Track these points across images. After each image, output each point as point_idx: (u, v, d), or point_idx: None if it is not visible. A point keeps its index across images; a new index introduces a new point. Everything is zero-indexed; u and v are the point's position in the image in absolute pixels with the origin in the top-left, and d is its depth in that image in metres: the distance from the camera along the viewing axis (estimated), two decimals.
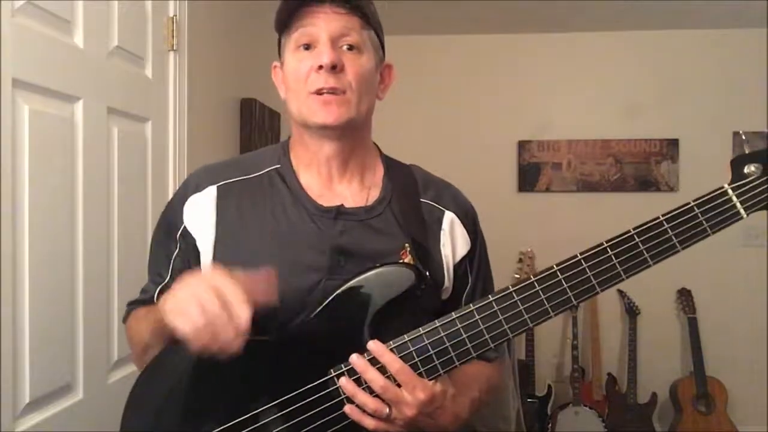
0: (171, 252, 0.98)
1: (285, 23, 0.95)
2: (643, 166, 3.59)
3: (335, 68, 0.90)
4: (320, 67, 0.90)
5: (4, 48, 1.16)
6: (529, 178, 3.65)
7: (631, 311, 3.44)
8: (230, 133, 2.42)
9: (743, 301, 3.45)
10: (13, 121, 1.19)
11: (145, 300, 1.01)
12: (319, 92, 0.91)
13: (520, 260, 3.43)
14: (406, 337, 0.83)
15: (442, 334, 0.82)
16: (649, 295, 3.46)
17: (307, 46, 0.93)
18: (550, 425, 3.26)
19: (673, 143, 3.57)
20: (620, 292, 3.52)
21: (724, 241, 3.37)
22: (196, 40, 1.95)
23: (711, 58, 3.53)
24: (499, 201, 3.57)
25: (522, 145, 3.65)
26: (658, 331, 3.53)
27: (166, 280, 0.98)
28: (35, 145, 1.24)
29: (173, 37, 1.82)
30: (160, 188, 1.78)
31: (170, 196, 1.79)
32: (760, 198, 0.82)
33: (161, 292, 0.98)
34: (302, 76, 0.92)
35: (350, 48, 0.92)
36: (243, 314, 0.74)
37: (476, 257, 1.03)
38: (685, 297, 3.45)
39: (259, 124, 2.58)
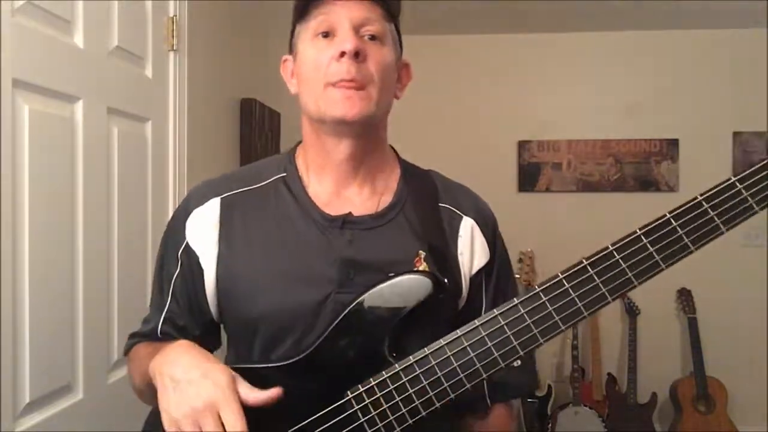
0: (171, 273, 0.93)
1: (303, 10, 0.88)
2: (643, 166, 3.60)
3: (358, 56, 0.83)
4: (342, 54, 0.83)
5: (4, 48, 1.16)
6: (529, 178, 3.66)
7: (631, 311, 3.44)
8: (230, 133, 2.42)
9: (743, 301, 3.45)
10: (13, 121, 1.19)
11: (147, 333, 0.96)
12: (339, 84, 0.84)
13: (520, 260, 3.43)
14: (427, 350, 0.77)
15: (465, 344, 0.76)
16: (649, 295, 3.46)
17: (326, 34, 0.86)
18: (550, 425, 3.26)
19: (673, 143, 3.57)
20: None
21: (724, 241, 3.39)
22: (196, 40, 1.95)
23: (711, 58, 3.53)
24: (499, 201, 3.50)
25: (522, 145, 3.65)
26: (658, 331, 3.53)
27: (167, 304, 0.94)
28: (35, 145, 1.24)
29: (173, 37, 1.81)
30: (160, 188, 1.78)
31: (171, 196, 1.81)
32: None
33: (166, 321, 0.94)
34: (322, 65, 0.85)
35: (372, 38, 0.86)
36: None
37: (494, 270, 0.96)
38: (685, 297, 3.45)
39: (259, 124, 2.58)
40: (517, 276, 3.39)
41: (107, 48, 1.51)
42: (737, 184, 0.73)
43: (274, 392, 0.75)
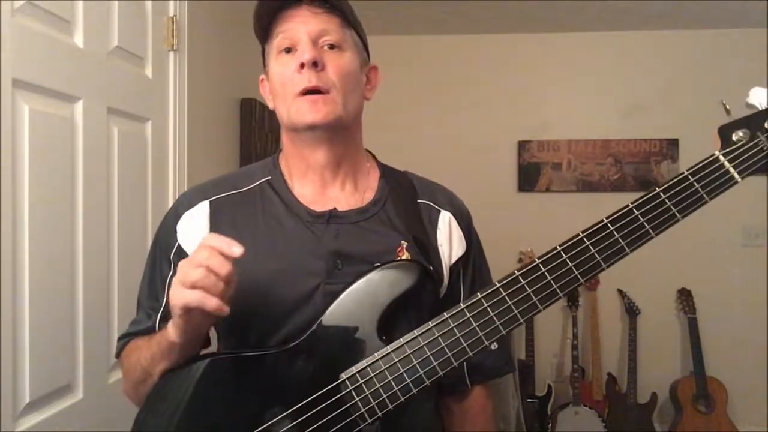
0: (165, 275, 0.96)
1: (265, 32, 0.96)
2: (643, 166, 3.60)
3: (317, 65, 0.90)
4: (302, 65, 0.90)
5: (4, 48, 1.16)
6: (529, 178, 3.66)
7: (631, 311, 3.44)
8: (230, 133, 2.42)
9: (743, 301, 3.45)
10: (13, 121, 1.19)
11: (140, 332, 0.97)
12: (304, 93, 0.90)
13: (520, 260, 3.43)
14: (416, 332, 0.82)
15: (452, 325, 0.81)
16: (649, 295, 3.46)
17: (289, 50, 0.93)
18: (550, 425, 3.26)
19: (673, 143, 3.57)
20: (620, 292, 3.52)
21: (724, 241, 3.43)
22: (196, 40, 1.95)
23: (711, 58, 3.53)
24: (499, 201, 3.57)
25: (522, 145, 3.65)
26: (658, 331, 3.53)
27: (162, 305, 0.96)
28: (35, 145, 1.24)
29: (173, 37, 1.82)
30: (160, 188, 1.78)
31: (171, 196, 1.81)
32: (751, 162, 0.83)
33: (163, 320, 0.94)
34: (286, 78, 0.92)
35: (332, 47, 0.92)
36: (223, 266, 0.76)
37: (471, 260, 1.02)
38: (685, 297, 3.45)
39: (259, 124, 2.58)
40: None
41: (107, 48, 1.51)
42: (689, 177, 0.84)
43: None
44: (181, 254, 0.94)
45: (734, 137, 0.85)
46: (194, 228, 0.95)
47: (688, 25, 3.48)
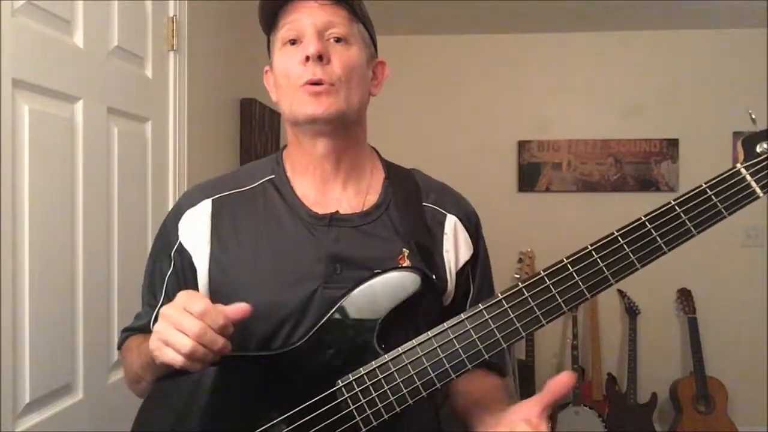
0: (165, 272, 0.96)
1: (270, 22, 0.94)
2: (643, 166, 3.60)
3: (321, 59, 0.88)
4: (307, 58, 0.88)
5: (4, 48, 1.16)
6: (529, 178, 3.66)
7: (631, 311, 3.44)
8: (230, 133, 2.42)
9: (743, 301, 3.45)
10: (13, 121, 1.19)
11: (139, 327, 0.98)
12: (307, 84, 0.89)
13: (520, 260, 3.43)
14: (414, 342, 0.80)
15: (452, 336, 0.79)
16: (649, 295, 3.46)
17: (294, 41, 0.91)
18: (550, 425, 3.26)
19: (673, 143, 3.57)
20: (620, 292, 3.52)
21: (724, 241, 3.43)
22: (196, 40, 1.95)
23: (711, 58, 3.53)
24: (499, 201, 3.57)
25: (522, 145, 3.65)
26: (658, 331, 3.53)
27: (160, 302, 0.95)
28: (35, 145, 1.24)
29: (173, 37, 1.81)
30: (160, 188, 1.77)
31: (171, 195, 1.81)
32: None
33: (157, 318, 0.95)
34: (290, 70, 0.90)
35: (338, 40, 0.91)
36: (221, 320, 0.74)
37: (479, 263, 1.00)
38: (685, 297, 3.45)
39: (259, 124, 2.58)
40: (517, 276, 3.39)
41: (107, 48, 1.51)
42: (708, 190, 0.78)
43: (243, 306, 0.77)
44: (182, 252, 0.94)
45: (758, 149, 0.79)
46: (196, 226, 0.95)
47: (688, 25, 3.48)
